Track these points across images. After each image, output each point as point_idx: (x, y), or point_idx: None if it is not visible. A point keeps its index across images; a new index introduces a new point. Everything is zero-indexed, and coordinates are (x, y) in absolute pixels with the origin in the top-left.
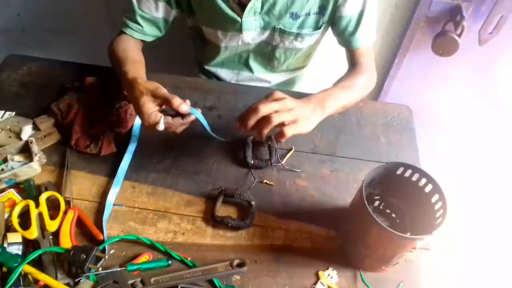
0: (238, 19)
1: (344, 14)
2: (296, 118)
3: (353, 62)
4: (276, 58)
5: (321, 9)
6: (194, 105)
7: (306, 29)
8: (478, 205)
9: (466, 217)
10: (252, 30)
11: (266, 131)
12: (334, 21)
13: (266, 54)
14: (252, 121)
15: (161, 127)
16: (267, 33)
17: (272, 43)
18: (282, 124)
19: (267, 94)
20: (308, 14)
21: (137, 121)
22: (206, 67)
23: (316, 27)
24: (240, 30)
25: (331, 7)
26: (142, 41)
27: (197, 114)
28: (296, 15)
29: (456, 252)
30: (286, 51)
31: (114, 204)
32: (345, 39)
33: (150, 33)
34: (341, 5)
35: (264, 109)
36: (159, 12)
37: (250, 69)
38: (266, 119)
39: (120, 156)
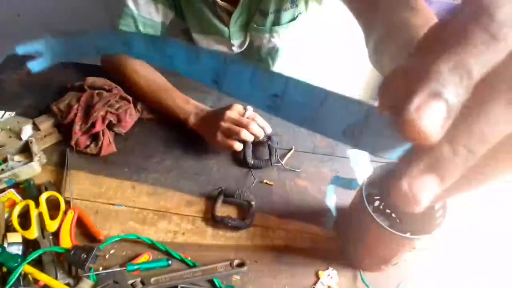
0: (226, 29)
1: None
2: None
3: None
4: (263, 59)
5: (293, 2)
6: None
7: (281, 25)
8: (478, 205)
9: (465, 217)
10: (238, 39)
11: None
12: None
13: (255, 56)
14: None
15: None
16: (244, 33)
17: (254, 43)
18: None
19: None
20: (278, 11)
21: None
22: None
23: (292, 19)
24: (229, 38)
25: None
26: None
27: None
28: (264, 12)
29: (455, 252)
30: (270, 51)
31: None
32: None
33: None
34: None
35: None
36: (159, 16)
37: None
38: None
39: (120, 156)
